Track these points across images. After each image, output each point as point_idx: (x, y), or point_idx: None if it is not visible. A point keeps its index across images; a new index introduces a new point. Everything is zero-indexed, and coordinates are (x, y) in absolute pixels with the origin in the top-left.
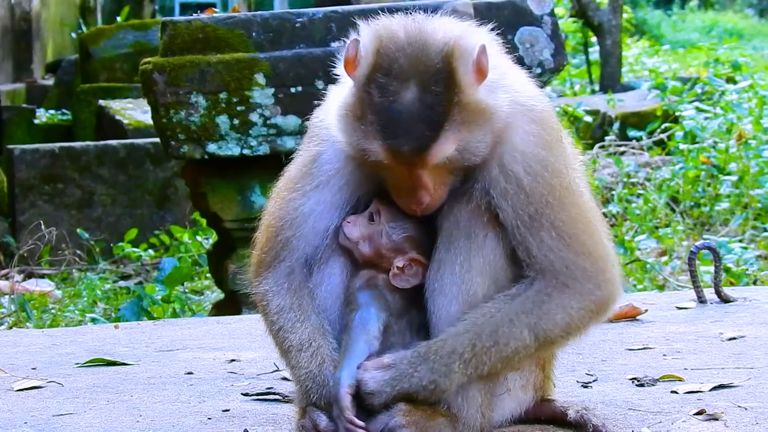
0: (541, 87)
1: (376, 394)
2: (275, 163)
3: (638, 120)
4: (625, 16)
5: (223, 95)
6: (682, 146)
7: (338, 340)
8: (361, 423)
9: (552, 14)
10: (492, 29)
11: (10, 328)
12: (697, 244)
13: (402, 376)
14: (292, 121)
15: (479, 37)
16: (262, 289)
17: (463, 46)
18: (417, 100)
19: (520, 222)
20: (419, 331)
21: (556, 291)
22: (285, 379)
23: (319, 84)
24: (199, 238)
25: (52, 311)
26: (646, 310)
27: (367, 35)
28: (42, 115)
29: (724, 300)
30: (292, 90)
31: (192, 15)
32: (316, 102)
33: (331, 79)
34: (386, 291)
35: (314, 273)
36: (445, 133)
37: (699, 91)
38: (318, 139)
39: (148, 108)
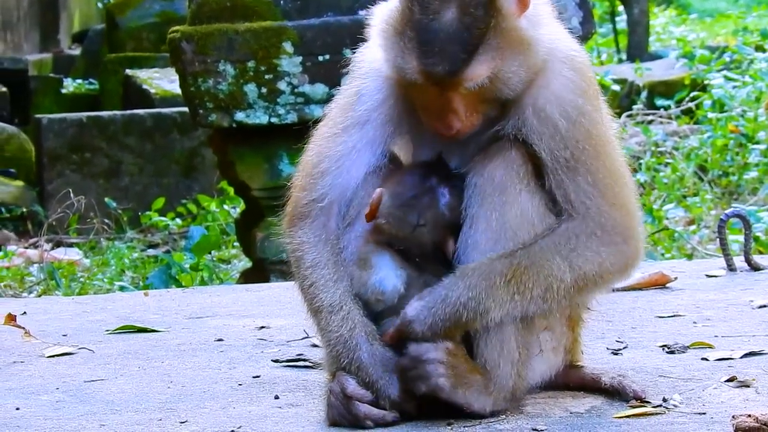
0: None
1: (415, 321)
2: (303, 131)
3: (666, 89)
4: None
5: (250, 63)
6: (710, 115)
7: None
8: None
9: None
10: None
11: (40, 296)
12: (726, 211)
13: (439, 298)
14: (319, 90)
15: None
16: (296, 240)
17: None
18: (455, 20)
19: (557, 165)
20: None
21: (585, 235)
22: (315, 345)
23: (347, 52)
24: (226, 206)
25: (81, 279)
26: (676, 278)
27: None
28: (69, 85)
29: (754, 268)
30: (320, 58)
31: None
32: (343, 70)
33: (359, 48)
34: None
35: (351, 223)
36: (479, 57)
37: (727, 59)
38: (358, 76)
39: (175, 77)
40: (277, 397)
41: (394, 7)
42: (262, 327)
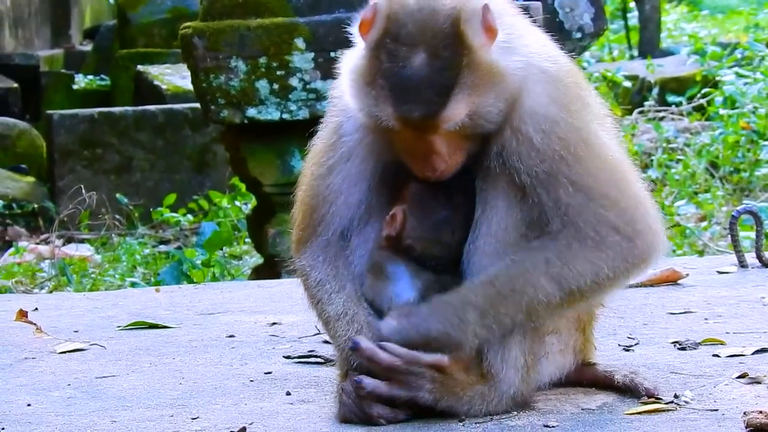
0: (581, 52)
1: (385, 345)
2: (315, 127)
3: (677, 85)
4: None
5: (262, 60)
6: (721, 111)
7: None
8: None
9: None
10: None
11: (51, 292)
12: (738, 208)
13: (413, 325)
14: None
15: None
16: (300, 264)
17: (471, 9)
18: (425, 65)
19: (535, 181)
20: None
21: (577, 243)
22: (326, 342)
23: None
24: (237, 203)
25: (92, 276)
26: (687, 275)
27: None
28: (80, 81)
29: (766, 264)
30: (332, 54)
31: None
32: None
33: None
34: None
35: (350, 240)
36: (455, 98)
37: (739, 56)
38: (337, 110)
39: (187, 73)
40: (288, 394)
41: (360, 57)
42: (274, 323)
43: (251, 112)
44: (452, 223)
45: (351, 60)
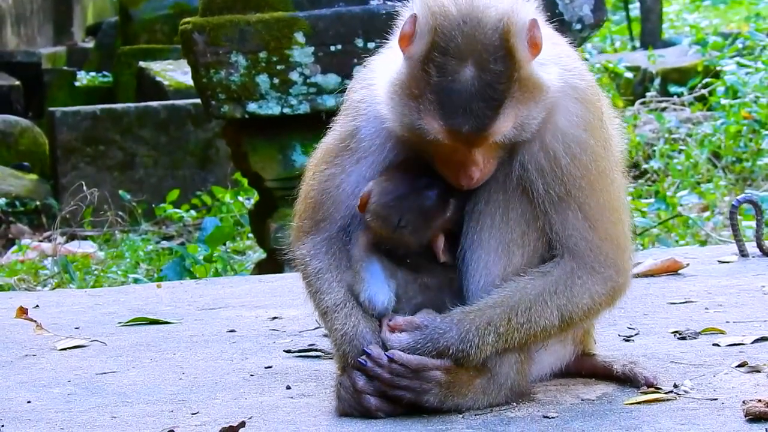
0: (582, 43)
1: (394, 355)
2: (316, 121)
3: (679, 76)
4: None
5: (262, 54)
6: (723, 101)
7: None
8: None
9: None
10: None
11: (54, 289)
12: (738, 197)
13: (428, 340)
14: (332, 80)
15: (530, 11)
16: (300, 253)
17: (518, 22)
18: (476, 78)
19: (547, 199)
20: (432, 292)
21: (586, 274)
22: (327, 335)
23: (359, 42)
24: (240, 198)
25: (95, 272)
26: (688, 264)
27: (422, 11)
28: (83, 78)
29: (766, 253)
30: (332, 48)
31: None
32: (355, 60)
33: (370, 38)
34: (395, 257)
35: (352, 234)
36: (504, 112)
37: (740, 46)
38: (356, 114)
39: (189, 69)
40: (288, 388)
41: (402, 70)
42: (275, 318)
43: (252, 106)
44: (402, 206)
45: (389, 71)
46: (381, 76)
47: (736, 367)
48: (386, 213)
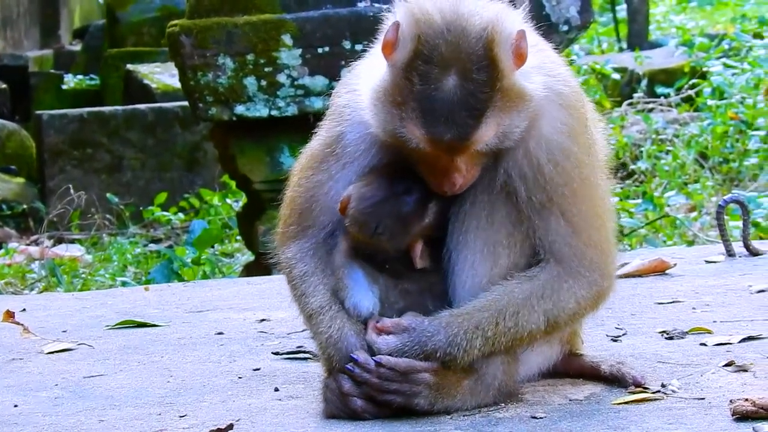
0: (569, 45)
1: (382, 359)
2: (303, 123)
3: (666, 77)
4: None
5: (250, 57)
6: (710, 102)
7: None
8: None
9: None
10: None
11: (41, 292)
12: (725, 197)
13: (416, 343)
14: (319, 82)
15: (516, 20)
16: (286, 257)
17: (502, 31)
18: (459, 87)
19: (530, 206)
20: (414, 297)
21: (572, 278)
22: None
23: (346, 44)
24: (228, 200)
25: (83, 276)
26: (675, 264)
27: (405, 18)
28: (70, 81)
29: (753, 253)
30: (319, 50)
31: None
32: (343, 62)
33: (358, 40)
34: (375, 262)
35: (338, 238)
36: (486, 120)
37: (726, 47)
38: (341, 119)
39: (176, 71)
40: (277, 390)
41: (385, 77)
42: (263, 320)
43: (239, 109)
44: (379, 212)
45: (371, 78)
46: (365, 82)
47: (724, 366)
48: (364, 219)
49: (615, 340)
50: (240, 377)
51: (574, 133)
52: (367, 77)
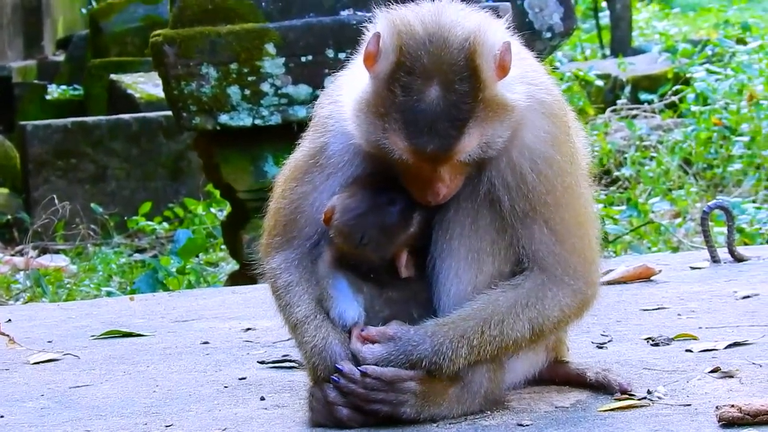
0: (552, 52)
1: (368, 370)
2: (287, 132)
3: (649, 83)
4: None
5: (233, 66)
6: (693, 108)
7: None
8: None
9: None
10: None
11: (26, 303)
12: (709, 204)
13: (402, 352)
14: (303, 90)
15: (499, 31)
16: (270, 267)
17: (484, 43)
18: (441, 98)
19: (514, 215)
20: (399, 306)
21: (556, 286)
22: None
23: (330, 53)
24: (213, 209)
25: (68, 286)
26: (660, 271)
27: (387, 29)
28: (54, 91)
29: (738, 259)
30: (303, 59)
31: None
32: (326, 71)
33: (341, 48)
34: (360, 272)
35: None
36: (469, 131)
37: (709, 52)
38: (324, 130)
39: (160, 81)
40: (263, 399)
41: (368, 89)
42: (248, 329)
43: (223, 118)
44: (364, 223)
45: (354, 89)
46: (348, 93)
47: (709, 372)
48: (348, 230)
49: (601, 347)
50: (226, 386)
51: (556, 141)
52: (349, 88)
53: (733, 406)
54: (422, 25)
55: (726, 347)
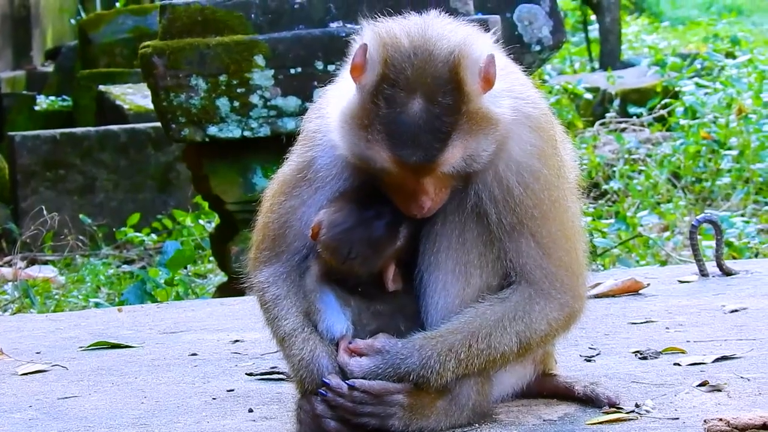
0: (541, 65)
1: (356, 383)
2: (276, 144)
3: (638, 96)
4: None
5: (222, 77)
6: (682, 122)
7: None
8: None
9: None
10: (490, 6)
11: (14, 314)
12: (698, 217)
13: (389, 365)
14: (292, 102)
15: (484, 44)
16: (258, 280)
17: (469, 55)
18: (424, 111)
19: (501, 228)
20: (386, 319)
21: (542, 299)
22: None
23: (319, 65)
24: (201, 221)
25: (56, 297)
26: (648, 285)
27: (373, 41)
28: (42, 102)
29: (726, 273)
30: (292, 71)
31: None
32: (315, 83)
33: (330, 60)
34: (347, 285)
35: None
36: (452, 143)
37: (698, 66)
38: (312, 144)
39: (149, 92)
40: (251, 410)
41: (353, 100)
42: (237, 341)
43: (212, 130)
44: (351, 238)
45: (340, 101)
46: (334, 105)
47: (697, 386)
48: (336, 245)
49: (589, 360)
50: (214, 398)
51: (543, 155)
52: (336, 100)
53: (721, 419)
54: (408, 37)
55: (714, 361)
